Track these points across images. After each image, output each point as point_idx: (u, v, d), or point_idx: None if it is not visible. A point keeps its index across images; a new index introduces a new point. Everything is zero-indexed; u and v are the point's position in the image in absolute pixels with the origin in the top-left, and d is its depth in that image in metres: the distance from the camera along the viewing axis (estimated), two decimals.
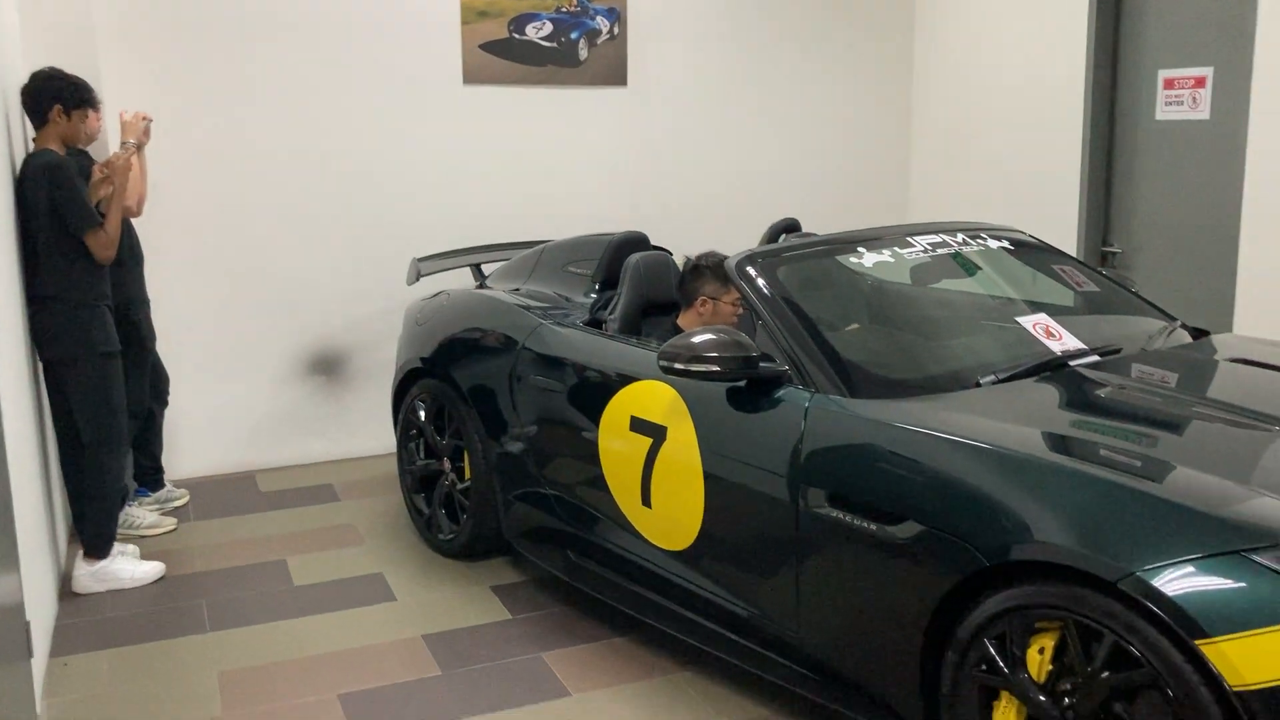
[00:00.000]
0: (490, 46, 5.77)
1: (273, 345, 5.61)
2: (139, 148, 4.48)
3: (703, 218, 6.28)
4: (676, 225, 6.00)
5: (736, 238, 5.21)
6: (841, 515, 2.81)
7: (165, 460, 5.11)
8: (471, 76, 5.76)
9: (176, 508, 5.06)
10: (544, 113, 5.95)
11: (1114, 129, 5.52)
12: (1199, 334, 3.68)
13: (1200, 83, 5.01)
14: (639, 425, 3.41)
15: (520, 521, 4.07)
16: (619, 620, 3.81)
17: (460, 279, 5.31)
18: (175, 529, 4.82)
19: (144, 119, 4.49)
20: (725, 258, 3.94)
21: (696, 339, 3.13)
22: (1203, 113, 5.03)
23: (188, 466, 5.48)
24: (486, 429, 4.12)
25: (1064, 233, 5.61)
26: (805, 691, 3.04)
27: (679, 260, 4.17)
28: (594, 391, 3.63)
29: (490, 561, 4.40)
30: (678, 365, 3.11)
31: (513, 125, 5.90)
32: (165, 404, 5.02)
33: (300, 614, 3.99)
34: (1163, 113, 5.23)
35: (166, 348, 5.04)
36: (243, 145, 5.40)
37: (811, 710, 3.22)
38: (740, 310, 3.84)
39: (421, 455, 4.58)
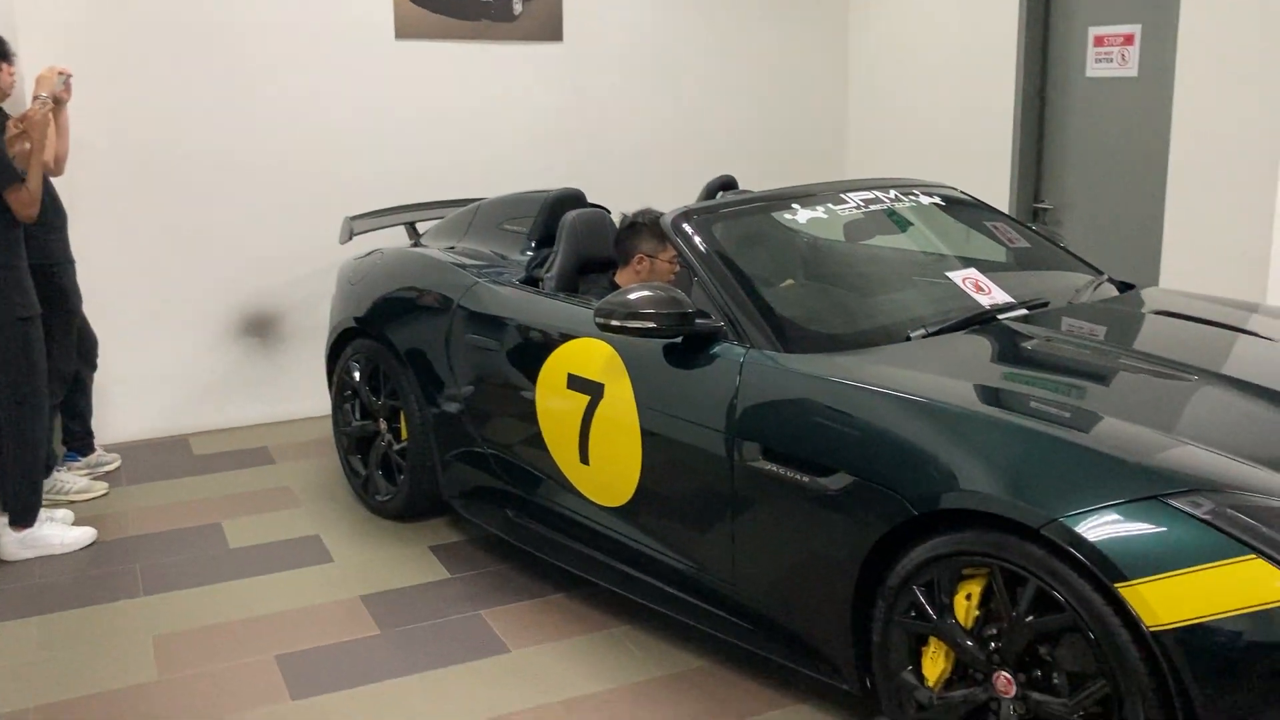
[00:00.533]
0: (423, 0, 5.67)
1: (204, 306, 5.52)
2: (58, 103, 4.35)
3: (639, 175, 6.25)
4: (612, 183, 5.97)
5: (673, 195, 5.20)
6: (775, 468, 2.84)
7: (95, 424, 5.02)
8: (403, 31, 5.67)
9: (108, 472, 4.98)
10: (478, 69, 5.87)
11: (1046, 86, 5.59)
12: (1125, 287, 3.76)
13: (1129, 40, 5.08)
14: (576, 383, 3.42)
15: (458, 481, 4.06)
16: (558, 577, 3.83)
17: (394, 238, 5.25)
18: (107, 494, 4.75)
19: (61, 73, 4.36)
20: (662, 215, 3.94)
21: (632, 295, 3.13)
22: (1131, 70, 5.10)
23: (119, 430, 5.39)
24: (423, 389, 4.09)
25: (997, 189, 5.68)
26: (741, 642, 3.08)
27: (616, 218, 4.16)
28: (531, 349, 3.62)
29: (428, 522, 4.38)
30: (614, 322, 3.11)
31: (446, 81, 5.82)
32: (94, 367, 4.93)
33: (236, 576, 3.95)
34: (1093, 69, 5.30)
35: (94, 309, 4.93)
36: (169, 102, 5.28)
37: (748, 660, 3.26)
38: (677, 268, 3.84)
39: (357, 416, 4.54)
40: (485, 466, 3.91)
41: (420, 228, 5.17)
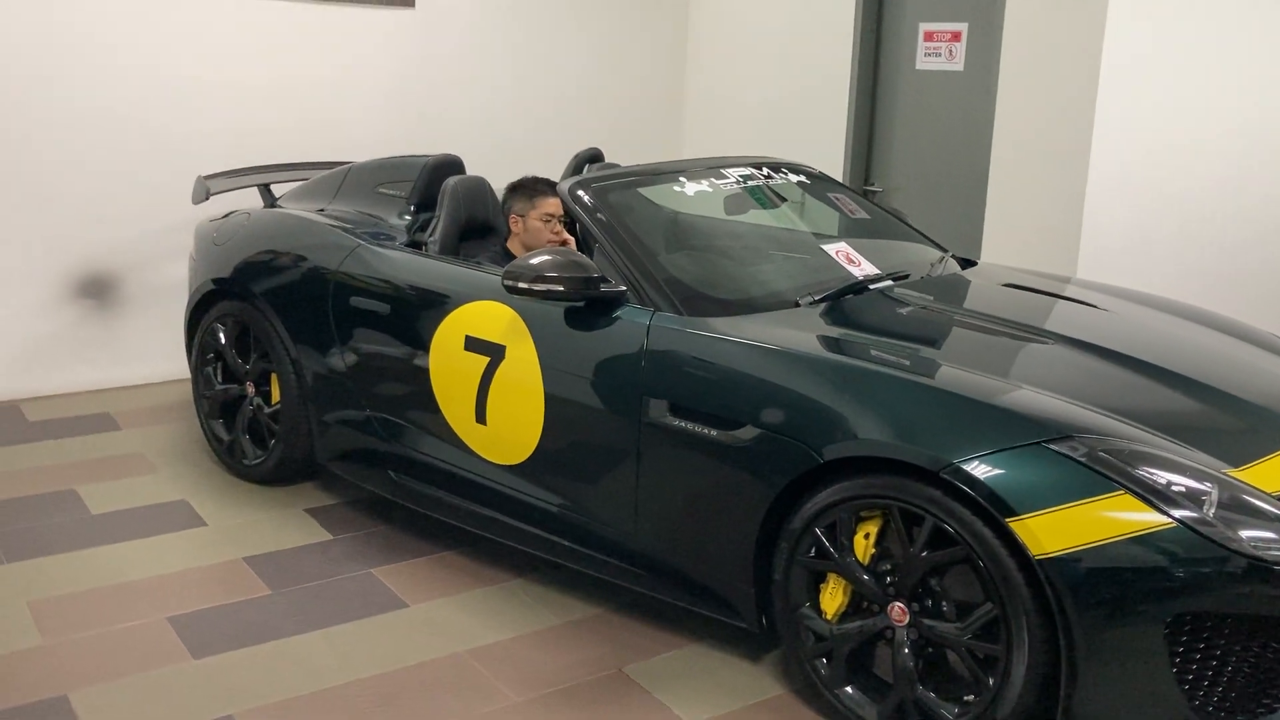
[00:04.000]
0: None
1: (36, 265, 5.25)
2: None
3: (485, 143, 6.28)
4: (459, 150, 5.95)
5: (516, 164, 5.31)
6: (683, 423, 3.03)
7: None
8: None
9: None
10: (331, 31, 5.79)
11: (878, 77, 5.98)
12: (966, 263, 4.14)
13: (956, 37, 5.51)
14: (475, 345, 3.50)
15: (337, 443, 4.07)
16: (443, 536, 3.91)
17: (244, 200, 5.13)
18: None
19: None
20: (531, 179, 4.10)
21: (536, 260, 3.25)
22: (958, 64, 5.54)
23: None
24: (300, 351, 4.07)
25: (830, 171, 6.03)
26: (638, 587, 3.27)
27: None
28: (425, 312, 3.68)
29: (297, 485, 4.37)
30: (521, 285, 3.22)
31: (297, 42, 5.71)
32: None
33: (106, 541, 3.85)
34: (922, 63, 5.72)
35: None
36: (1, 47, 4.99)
37: (640, 606, 3.46)
38: (558, 228, 3.99)
39: (220, 380, 4.46)
40: (368, 428, 3.94)
41: (276, 190, 5.07)
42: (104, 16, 5.18)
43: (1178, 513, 2.45)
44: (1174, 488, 2.49)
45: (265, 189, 5.08)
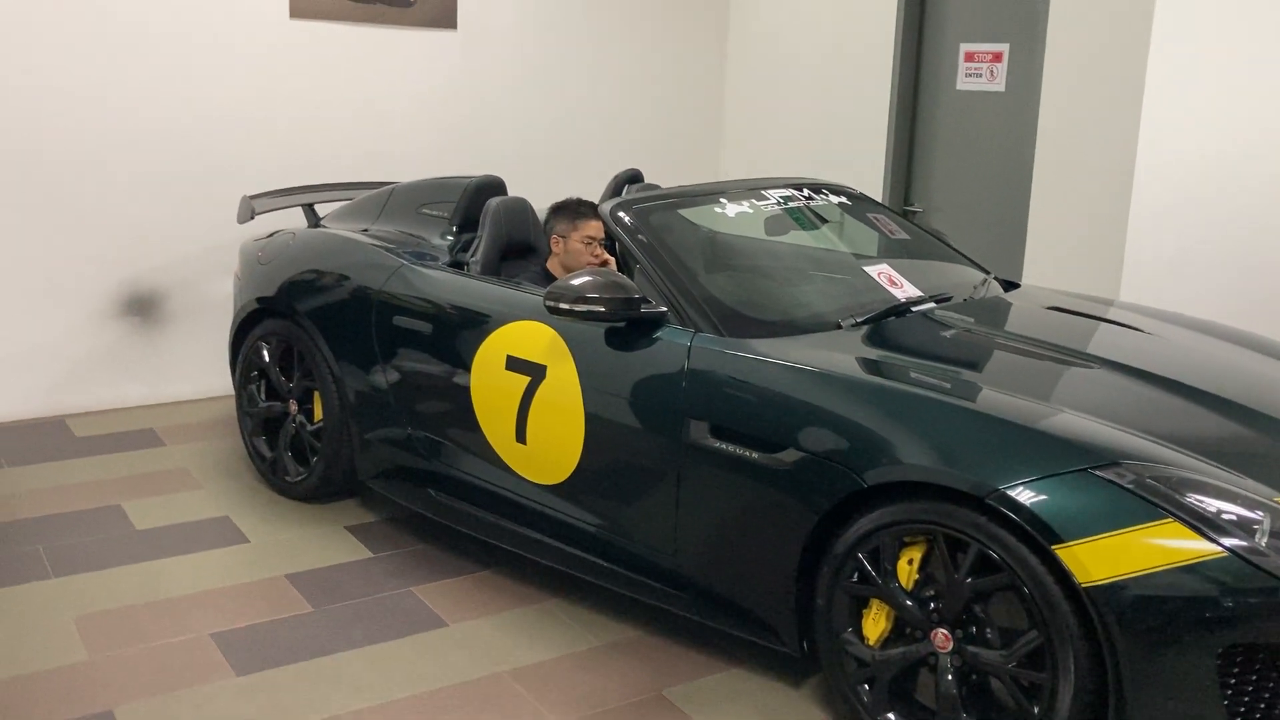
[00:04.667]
0: None
1: (80, 282, 5.33)
2: None
3: (524, 163, 6.33)
4: (499, 170, 6.02)
5: (553, 183, 5.35)
6: (724, 446, 3.03)
7: None
8: (298, 10, 5.61)
9: None
10: (372, 53, 5.86)
11: (918, 97, 5.96)
12: (1009, 285, 4.11)
13: (998, 57, 5.49)
14: (516, 364, 3.52)
15: (378, 461, 4.09)
16: (481, 554, 3.93)
17: (288, 219, 5.19)
18: None
19: None
20: (573, 200, 4.13)
21: (578, 281, 3.26)
22: (999, 85, 5.51)
23: None
24: (343, 370, 4.11)
25: (869, 191, 6.02)
26: (679, 610, 3.26)
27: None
28: (467, 332, 3.70)
29: (338, 503, 4.40)
30: (563, 305, 3.24)
31: (341, 64, 5.78)
32: None
33: (150, 557, 3.89)
34: (963, 83, 5.70)
35: None
36: (47, 69, 5.08)
37: (679, 629, 3.45)
38: (598, 251, 4.01)
39: (263, 397, 4.51)
40: (409, 446, 3.96)
41: (320, 210, 5.13)
42: (149, 37, 5.27)
43: (1228, 541, 2.41)
44: (1224, 516, 2.45)
45: (309, 209, 5.14)
